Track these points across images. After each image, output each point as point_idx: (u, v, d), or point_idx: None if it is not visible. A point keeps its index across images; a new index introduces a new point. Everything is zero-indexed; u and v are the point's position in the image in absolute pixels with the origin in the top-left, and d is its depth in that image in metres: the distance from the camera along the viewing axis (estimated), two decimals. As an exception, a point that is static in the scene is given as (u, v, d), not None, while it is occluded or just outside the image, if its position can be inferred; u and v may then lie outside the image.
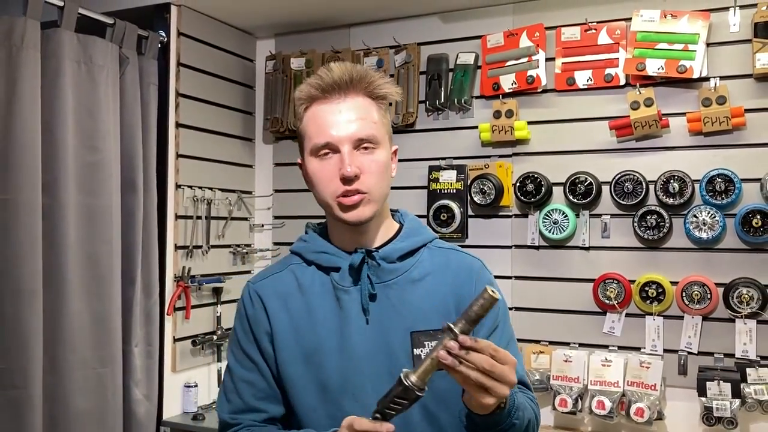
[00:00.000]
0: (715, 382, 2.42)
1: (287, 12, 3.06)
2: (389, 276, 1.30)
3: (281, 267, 1.37)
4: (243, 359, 1.34)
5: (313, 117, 1.27)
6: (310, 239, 1.37)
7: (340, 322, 1.28)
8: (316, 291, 1.30)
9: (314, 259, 1.33)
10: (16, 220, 2.30)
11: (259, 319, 1.32)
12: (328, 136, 1.24)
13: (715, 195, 2.49)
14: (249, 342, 1.33)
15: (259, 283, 1.36)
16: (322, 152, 1.25)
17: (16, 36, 2.30)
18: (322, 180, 1.26)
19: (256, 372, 1.33)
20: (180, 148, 2.94)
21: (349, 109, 1.25)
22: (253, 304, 1.34)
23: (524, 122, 2.79)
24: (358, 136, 1.24)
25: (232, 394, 1.34)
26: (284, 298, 1.32)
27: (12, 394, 2.27)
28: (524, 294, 2.83)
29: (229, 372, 1.36)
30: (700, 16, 2.53)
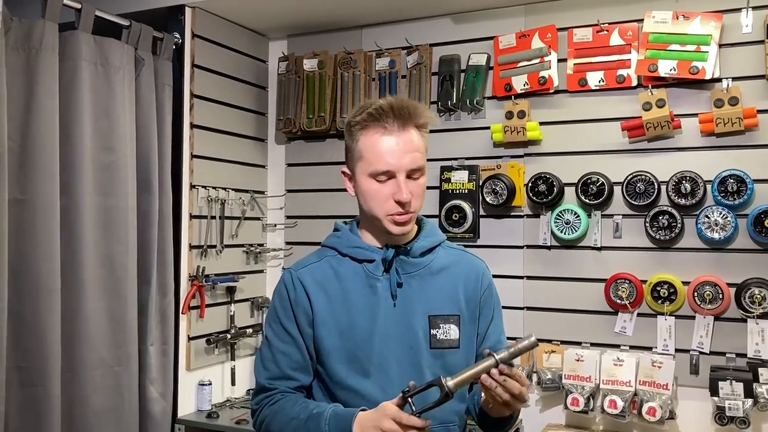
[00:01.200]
0: (727, 382, 2.43)
1: (300, 13, 3.08)
2: (413, 268, 1.56)
3: (318, 258, 1.60)
4: (282, 333, 1.55)
5: (373, 144, 1.48)
6: (343, 236, 1.60)
7: (372, 305, 1.52)
8: (350, 278, 1.54)
9: (349, 252, 1.56)
10: (34, 221, 2.33)
11: (300, 301, 1.54)
12: (389, 165, 1.47)
13: (727, 195, 2.50)
14: (289, 320, 1.55)
15: (301, 271, 1.57)
16: (381, 177, 1.48)
17: (35, 38, 2.33)
18: (378, 199, 1.50)
19: (292, 345, 1.54)
20: (194, 148, 2.97)
21: (406, 142, 1.47)
22: (295, 289, 1.55)
23: (536, 123, 2.80)
24: (412, 167, 1.48)
25: (270, 363, 1.56)
26: (322, 284, 1.54)
27: (31, 391, 2.31)
28: (536, 294, 2.84)
29: (268, 344, 1.58)
30: (712, 17, 2.54)
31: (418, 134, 1.50)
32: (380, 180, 1.48)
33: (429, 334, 1.53)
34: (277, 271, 3.37)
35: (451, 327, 1.54)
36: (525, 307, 2.85)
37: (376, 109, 1.48)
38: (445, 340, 1.53)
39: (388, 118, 1.47)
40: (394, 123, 1.47)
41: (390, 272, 1.54)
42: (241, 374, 3.19)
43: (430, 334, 1.53)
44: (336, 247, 1.59)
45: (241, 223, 3.20)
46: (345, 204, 3.18)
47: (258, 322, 3.30)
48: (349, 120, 1.54)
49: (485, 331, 1.62)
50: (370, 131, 1.48)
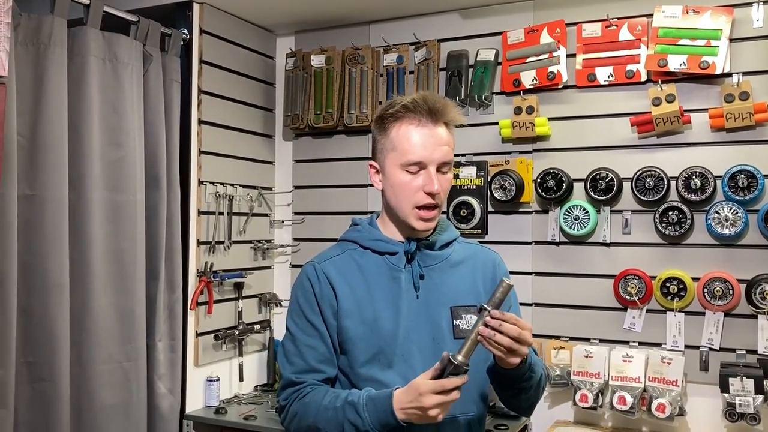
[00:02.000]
0: (737, 378, 2.42)
1: (307, 9, 3.07)
2: (434, 261, 1.59)
3: (340, 251, 1.62)
4: (307, 327, 1.56)
5: (407, 135, 1.50)
6: (364, 230, 1.62)
7: (395, 297, 1.54)
8: (373, 271, 1.56)
9: (371, 245, 1.59)
10: (43, 216, 2.33)
11: (325, 294, 1.55)
12: (421, 156, 1.49)
13: (738, 191, 2.48)
14: (314, 313, 1.55)
15: (324, 263, 1.58)
16: (412, 168, 1.50)
17: (43, 34, 2.34)
18: (408, 191, 1.51)
19: (318, 338, 1.55)
20: (202, 144, 2.97)
21: (439, 136, 1.51)
22: (319, 281, 1.56)
23: (545, 118, 2.79)
24: (443, 160, 1.51)
25: (295, 357, 1.56)
26: (346, 276, 1.56)
27: (40, 386, 2.31)
28: (545, 290, 2.83)
29: (292, 338, 1.58)
30: (723, 12, 2.52)
31: (447, 130, 1.53)
32: (411, 171, 1.50)
33: (452, 324, 1.55)
34: (285, 268, 3.37)
35: (472, 317, 1.55)
36: (533, 304, 2.85)
37: (411, 102, 1.51)
38: (467, 330, 1.53)
39: (422, 112, 1.49)
40: (428, 117, 1.50)
41: (412, 264, 1.56)
42: (249, 370, 3.19)
43: (453, 324, 1.55)
44: (357, 240, 1.61)
45: (248, 219, 3.20)
46: (352, 200, 3.18)
47: (266, 318, 3.31)
48: (380, 113, 1.57)
49: None
50: (404, 123, 1.51)
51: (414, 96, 1.53)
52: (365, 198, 3.14)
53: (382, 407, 1.41)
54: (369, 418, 1.42)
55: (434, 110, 1.50)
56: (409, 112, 1.51)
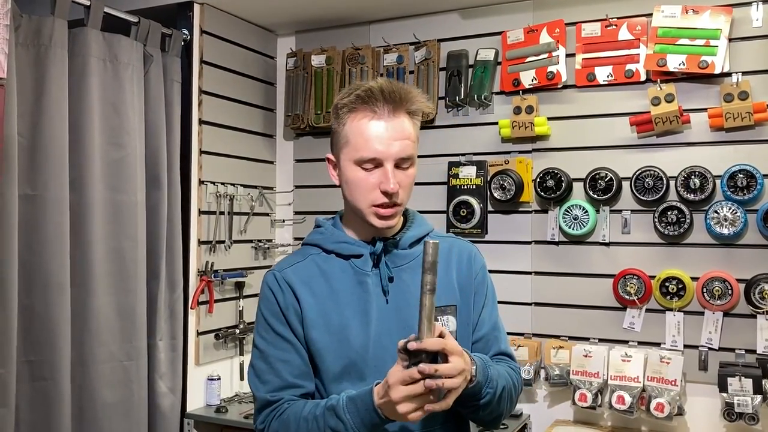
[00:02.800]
0: (736, 378, 2.42)
1: (308, 9, 3.08)
2: (403, 261, 1.46)
3: (302, 257, 1.48)
4: (276, 341, 1.43)
5: (360, 128, 1.37)
6: (327, 231, 1.49)
7: (363, 303, 1.41)
8: (337, 276, 1.43)
9: (334, 249, 1.46)
10: (44, 216, 2.35)
11: (290, 303, 1.42)
12: (376, 152, 1.36)
13: (737, 191, 2.48)
14: (281, 324, 1.42)
15: (285, 271, 1.45)
16: (367, 165, 1.37)
17: (44, 35, 2.35)
18: (363, 189, 1.38)
19: (291, 351, 1.42)
20: (203, 144, 2.98)
21: (396, 129, 1.37)
22: (282, 290, 1.43)
23: (544, 118, 2.80)
24: (401, 155, 1.37)
25: (268, 375, 1.42)
26: (309, 283, 1.43)
27: (41, 385, 2.33)
28: (544, 289, 2.84)
29: (262, 355, 1.44)
30: (722, 11, 2.52)
31: (409, 121, 1.40)
32: (366, 168, 1.37)
33: None
34: (286, 267, 3.38)
35: (448, 318, 1.45)
36: (533, 303, 2.85)
37: (365, 91, 1.37)
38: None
39: (377, 102, 1.36)
40: (384, 107, 1.36)
41: (380, 266, 1.43)
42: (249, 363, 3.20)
43: None
44: (319, 243, 1.48)
45: (249, 218, 3.22)
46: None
47: (266, 317, 3.31)
48: (336, 102, 1.43)
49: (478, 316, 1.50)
50: (358, 115, 1.37)
51: (371, 84, 1.38)
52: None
53: (364, 405, 1.28)
54: (351, 420, 1.29)
55: (392, 99, 1.36)
56: (363, 104, 1.37)
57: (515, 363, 1.53)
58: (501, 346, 1.52)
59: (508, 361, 1.51)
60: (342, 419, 1.29)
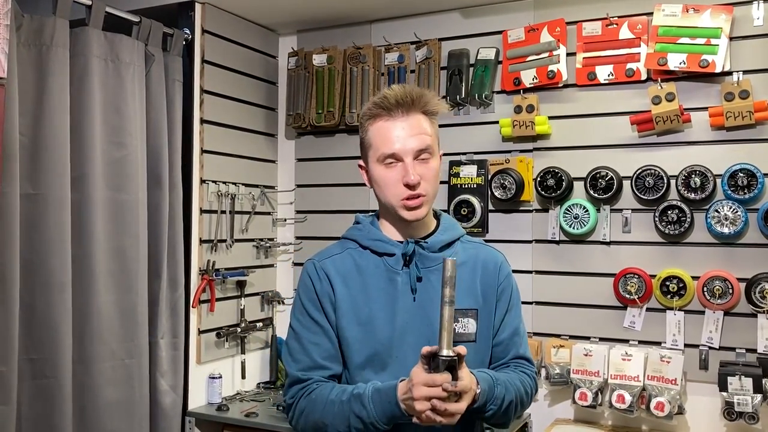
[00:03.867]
0: (736, 377, 2.42)
1: (309, 9, 3.09)
2: (432, 263, 1.56)
3: (340, 249, 1.62)
4: (310, 325, 1.56)
5: (379, 131, 1.52)
6: (364, 228, 1.62)
7: (391, 299, 1.54)
8: (371, 271, 1.56)
9: (370, 245, 1.58)
10: (45, 215, 2.36)
11: (326, 291, 1.56)
12: (394, 148, 1.49)
13: (738, 190, 2.48)
14: (317, 310, 1.56)
15: (324, 262, 1.59)
16: (388, 161, 1.51)
17: (46, 35, 2.36)
18: (389, 184, 1.52)
19: (322, 335, 1.55)
20: (204, 143, 2.99)
21: (411, 126, 1.50)
22: (320, 279, 1.57)
23: (545, 117, 2.80)
24: (418, 148, 1.50)
25: (300, 354, 1.55)
26: (344, 275, 1.56)
27: (43, 383, 2.34)
28: (545, 288, 2.84)
29: (296, 336, 1.58)
30: (723, 10, 2.52)
31: (426, 119, 1.53)
32: (388, 164, 1.51)
33: None
34: (287, 266, 3.39)
35: (469, 321, 1.55)
36: (533, 302, 2.85)
37: (381, 99, 1.52)
38: (463, 333, 1.53)
39: (392, 106, 1.50)
40: (398, 109, 1.50)
41: (410, 266, 1.55)
42: (252, 368, 3.21)
43: None
44: (357, 239, 1.61)
45: (251, 217, 3.22)
46: (355, 198, 3.19)
47: (268, 316, 3.33)
48: (360, 114, 1.59)
49: (500, 322, 1.62)
50: (377, 120, 1.52)
51: (386, 91, 1.54)
52: (367, 196, 3.15)
53: (387, 398, 1.40)
54: (374, 410, 1.41)
55: (405, 102, 1.50)
56: (380, 109, 1.52)
57: (532, 367, 1.65)
58: (519, 350, 1.63)
59: (525, 365, 1.63)
60: (366, 407, 1.42)
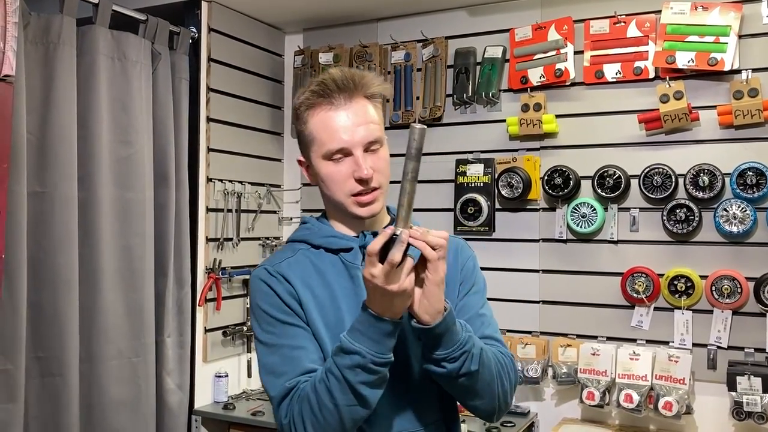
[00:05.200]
0: (745, 377, 2.41)
1: (315, 7, 3.08)
2: None
3: (291, 252, 1.43)
4: (286, 330, 1.35)
5: (322, 123, 1.35)
6: (314, 227, 1.46)
7: (356, 297, 1.35)
8: (329, 270, 1.39)
9: (323, 243, 1.42)
10: (52, 213, 2.36)
11: (289, 291, 1.36)
12: (342, 142, 1.33)
13: (746, 189, 2.47)
14: (286, 314, 1.36)
15: (278, 266, 1.39)
16: (336, 156, 1.35)
17: (53, 33, 2.36)
18: (338, 181, 1.36)
19: (304, 337, 1.35)
20: (211, 142, 2.99)
21: (356, 114, 1.34)
22: (279, 281, 1.37)
23: (552, 116, 2.79)
24: (368, 139, 1.35)
25: (284, 366, 1.33)
26: (303, 277, 1.38)
27: (50, 381, 2.34)
28: (552, 287, 2.83)
29: (272, 350, 1.36)
30: (731, 8, 2.50)
31: (370, 104, 1.38)
32: (336, 159, 1.35)
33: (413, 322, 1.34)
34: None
35: None
36: (540, 301, 2.84)
37: (319, 85, 1.36)
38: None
39: (333, 92, 1.34)
40: (341, 96, 1.34)
41: None
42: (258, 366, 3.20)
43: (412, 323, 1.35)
44: (307, 239, 1.44)
45: (257, 216, 3.22)
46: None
47: (274, 314, 3.32)
48: (294, 103, 1.41)
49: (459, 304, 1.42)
50: (317, 110, 1.36)
51: (323, 76, 1.37)
52: (373, 195, 3.14)
53: (366, 323, 1.22)
54: (363, 347, 1.21)
55: (347, 87, 1.34)
56: (319, 98, 1.35)
57: (506, 349, 1.44)
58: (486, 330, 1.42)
59: (497, 345, 1.41)
60: (354, 350, 1.21)
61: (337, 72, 1.36)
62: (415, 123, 1.20)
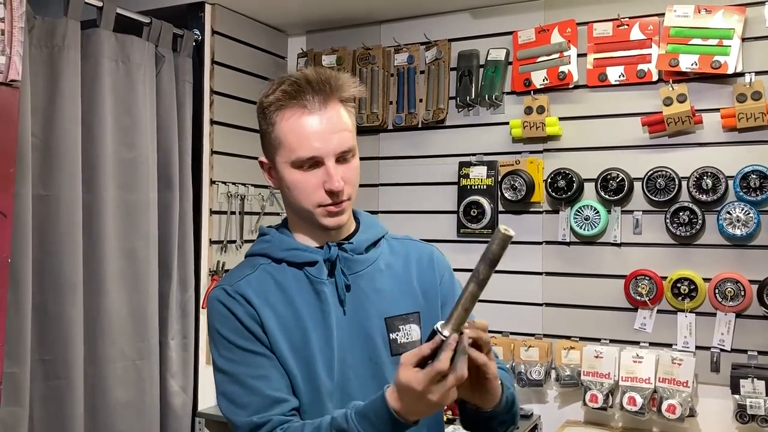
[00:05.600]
0: (749, 380, 2.41)
1: (319, 9, 3.08)
2: (360, 267, 1.33)
3: (251, 268, 1.32)
4: (246, 358, 1.25)
5: (293, 127, 1.25)
6: (274, 239, 1.35)
7: (323, 314, 1.28)
8: (293, 286, 1.29)
9: (285, 257, 1.32)
10: (57, 216, 2.36)
11: (249, 313, 1.26)
12: (314, 150, 1.24)
13: (750, 191, 2.47)
14: (246, 339, 1.25)
15: (237, 284, 1.29)
16: (306, 164, 1.25)
17: (57, 36, 2.36)
18: (305, 190, 1.26)
19: (266, 366, 1.25)
20: (214, 144, 2.99)
21: (330, 121, 1.25)
22: (239, 303, 1.27)
23: (555, 118, 2.79)
24: (341, 149, 1.26)
25: (247, 397, 1.24)
26: (265, 295, 1.28)
27: (55, 384, 2.35)
28: (555, 290, 2.83)
29: (232, 379, 1.26)
30: (735, 11, 2.51)
31: (344, 110, 1.28)
32: (306, 168, 1.25)
33: (389, 339, 1.30)
34: (296, 267, 3.39)
35: (411, 327, 1.32)
36: (543, 304, 2.84)
37: (292, 85, 1.25)
38: (407, 343, 1.29)
39: (306, 95, 1.24)
40: (315, 99, 1.24)
41: (336, 274, 1.30)
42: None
43: (389, 338, 1.30)
44: (267, 252, 1.33)
45: (260, 218, 3.22)
46: (362, 200, 3.18)
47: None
48: (261, 100, 1.29)
49: None
50: (287, 112, 1.25)
51: (296, 75, 1.27)
52: (375, 197, 3.15)
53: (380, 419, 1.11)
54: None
55: (322, 90, 1.24)
56: (291, 99, 1.24)
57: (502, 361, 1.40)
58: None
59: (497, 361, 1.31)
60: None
61: (312, 73, 1.26)
62: (504, 228, 1.06)
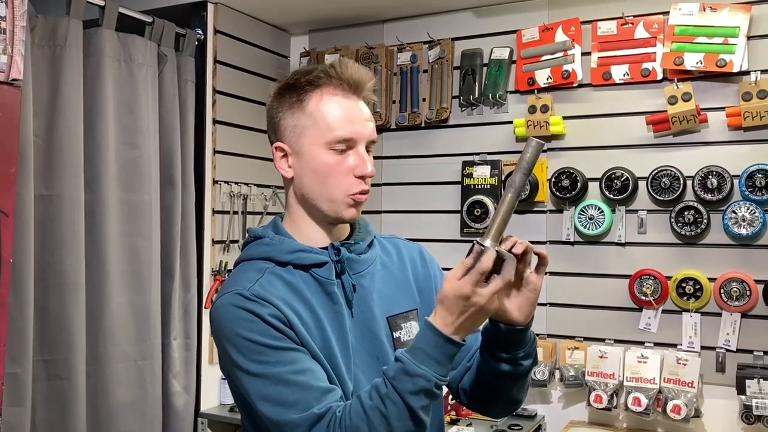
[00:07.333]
0: (754, 380, 2.39)
1: (321, 8, 3.08)
2: (362, 267, 1.31)
3: (258, 273, 1.24)
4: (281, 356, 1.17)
5: (331, 106, 1.22)
6: (274, 241, 1.29)
7: (336, 316, 1.25)
8: (305, 288, 1.24)
9: (291, 260, 1.26)
10: (59, 216, 2.36)
11: (274, 314, 1.18)
12: (354, 132, 1.23)
13: (755, 191, 2.45)
14: (278, 339, 1.17)
15: (252, 288, 1.20)
16: (340, 146, 1.23)
17: (59, 36, 2.36)
18: (336, 175, 1.23)
19: (304, 360, 1.18)
20: (217, 144, 2.98)
21: (365, 108, 1.27)
22: (260, 305, 1.18)
23: (559, 117, 2.78)
24: (372, 137, 1.27)
25: (295, 395, 1.15)
26: (284, 298, 1.21)
27: (57, 384, 2.34)
28: (559, 290, 2.82)
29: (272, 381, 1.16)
30: (740, 9, 2.49)
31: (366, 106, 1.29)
32: (339, 150, 1.22)
33: (392, 337, 1.29)
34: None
35: (412, 324, 1.31)
36: (548, 304, 2.83)
37: (333, 68, 1.24)
38: (409, 341, 1.26)
39: (349, 80, 1.24)
40: (350, 87, 1.24)
41: (343, 276, 1.27)
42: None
43: (393, 337, 1.29)
44: (271, 256, 1.26)
45: (263, 218, 3.22)
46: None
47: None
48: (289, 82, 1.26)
49: None
50: (326, 93, 1.23)
51: (341, 61, 1.25)
52: (378, 197, 3.14)
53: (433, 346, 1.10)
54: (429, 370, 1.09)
55: (361, 82, 1.25)
56: (332, 79, 1.23)
57: None
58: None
59: None
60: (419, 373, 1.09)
61: (355, 64, 1.26)
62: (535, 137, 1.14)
